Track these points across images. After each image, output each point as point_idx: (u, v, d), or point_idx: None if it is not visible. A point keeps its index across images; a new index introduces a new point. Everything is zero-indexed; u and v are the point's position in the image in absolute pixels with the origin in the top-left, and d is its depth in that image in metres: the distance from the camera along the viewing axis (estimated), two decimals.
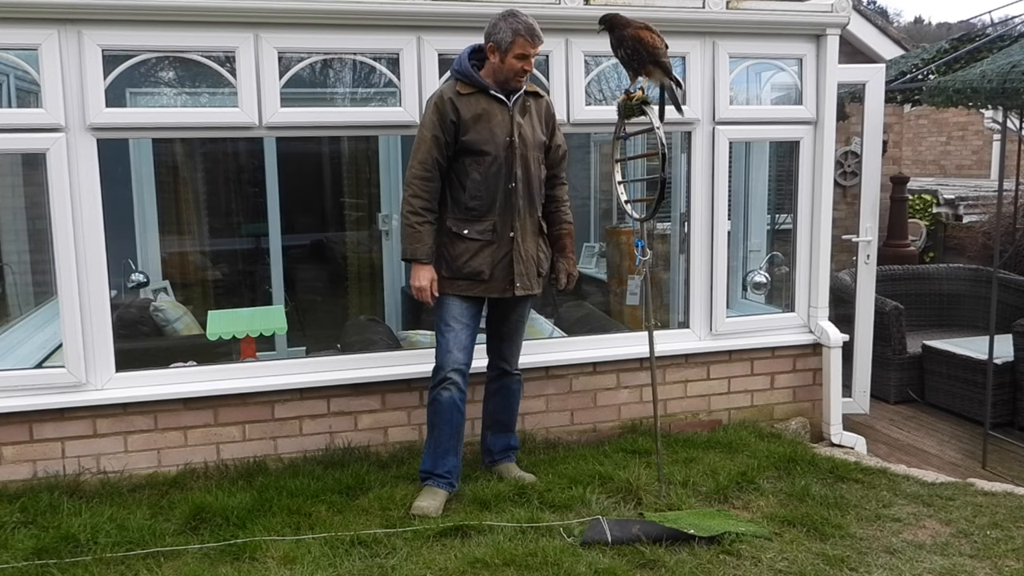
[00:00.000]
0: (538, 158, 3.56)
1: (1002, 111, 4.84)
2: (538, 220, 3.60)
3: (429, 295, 3.49)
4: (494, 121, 3.44)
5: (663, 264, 5.28)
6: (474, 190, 3.46)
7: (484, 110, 3.43)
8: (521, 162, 3.48)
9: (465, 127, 3.42)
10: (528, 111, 3.54)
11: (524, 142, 3.49)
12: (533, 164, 3.53)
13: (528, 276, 3.55)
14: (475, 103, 3.43)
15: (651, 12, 3.99)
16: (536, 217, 3.58)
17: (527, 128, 3.51)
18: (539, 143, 3.57)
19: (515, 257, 3.51)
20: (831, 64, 4.40)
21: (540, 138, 3.57)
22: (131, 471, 3.72)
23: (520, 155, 3.48)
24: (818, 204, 4.54)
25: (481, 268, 3.48)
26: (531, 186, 3.53)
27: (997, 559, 3.11)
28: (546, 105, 3.65)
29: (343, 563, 2.98)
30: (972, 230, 9.06)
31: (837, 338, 4.55)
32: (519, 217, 3.51)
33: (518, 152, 3.47)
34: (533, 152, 3.53)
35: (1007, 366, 5.05)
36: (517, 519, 3.28)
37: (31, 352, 4.11)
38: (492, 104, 3.45)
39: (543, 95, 3.65)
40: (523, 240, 3.53)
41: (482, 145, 3.43)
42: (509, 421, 3.80)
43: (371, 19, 3.78)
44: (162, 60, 3.74)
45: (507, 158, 3.46)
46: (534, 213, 3.57)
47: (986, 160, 14.32)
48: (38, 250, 4.58)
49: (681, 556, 3.06)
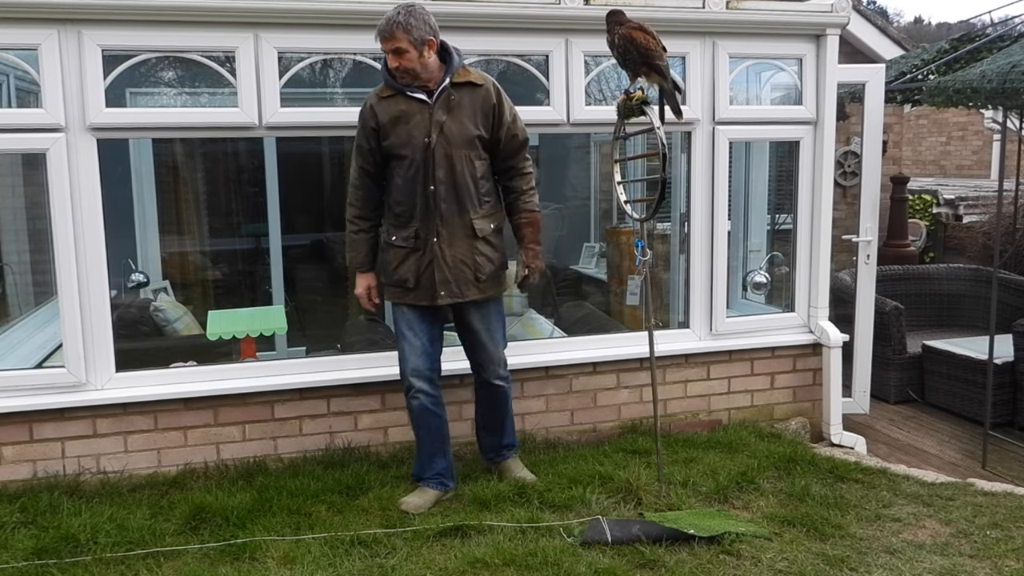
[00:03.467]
0: (467, 155, 3.32)
1: (1002, 111, 4.84)
2: (470, 222, 3.36)
3: (367, 302, 3.52)
4: (412, 122, 3.29)
5: (663, 264, 5.28)
6: (397, 195, 3.38)
7: (402, 111, 3.30)
8: (444, 162, 3.29)
9: (384, 132, 3.32)
10: (457, 106, 3.30)
11: (448, 140, 3.28)
12: (460, 163, 3.31)
13: (457, 283, 3.36)
14: (393, 105, 3.32)
15: (651, 12, 3.99)
16: (467, 219, 3.35)
17: (453, 125, 3.29)
18: (468, 139, 3.32)
19: (437, 264, 3.34)
20: (831, 64, 4.40)
21: (470, 133, 3.31)
22: (131, 471, 3.72)
23: (443, 155, 3.28)
24: (818, 204, 4.54)
25: (407, 276, 3.38)
26: (457, 187, 3.32)
27: (997, 559, 3.11)
28: (484, 95, 3.35)
29: (343, 563, 2.98)
30: (972, 230, 9.06)
31: (837, 338, 4.55)
32: (442, 222, 3.32)
33: (439, 152, 3.28)
34: (460, 150, 3.30)
35: (1007, 366, 5.05)
36: (517, 519, 3.28)
37: (31, 352, 4.11)
38: (411, 104, 3.30)
39: (482, 84, 3.36)
40: (449, 245, 3.34)
41: (400, 149, 3.31)
42: (497, 425, 3.70)
43: (371, 19, 3.75)
44: (162, 60, 3.74)
45: (425, 160, 3.28)
46: (463, 215, 3.34)
47: (986, 160, 14.32)
48: (38, 250, 4.58)
49: (681, 556, 3.06)
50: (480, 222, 3.39)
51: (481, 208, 3.40)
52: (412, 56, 3.21)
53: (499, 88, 3.41)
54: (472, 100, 3.33)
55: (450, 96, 3.29)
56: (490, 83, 3.39)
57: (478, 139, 3.34)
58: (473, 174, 3.35)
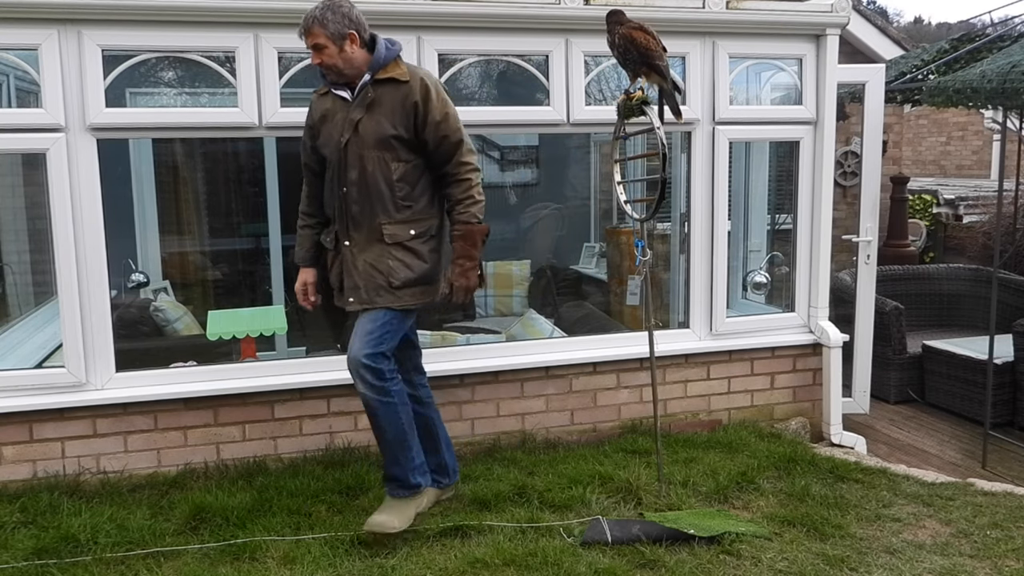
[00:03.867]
0: (381, 157, 3.10)
1: (1002, 111, 4.84)
2: (379, 228, 3.13)
3: (303, 298, 3.45)
4: (333, 121, 3.17)
5: (663, 264, 5.28)
6: (323, 196, 3.31)
7: (328, 110, 3.20)
8: (356, 163, 3.12)
9: (316, 130, 3.24)
10: (376, 103, 3.11)
11: (362, 140, 3.10)
12: (372, 164, 3.10)
13: (366, 289, 3.15)
14: (324, 103, 3.23)
15: (651, 12, 3.99)
16: (376, 224, 3.13)
17: (369, 124, 3.10)
18: (382, 138, 3.09)
19: (347, 269, 3.20)
20: (831, 64, 4.40)
21: (385, 132, 3.09)
22: (131, 471, 3.72)
23: (355, 155, 3.11)
24: (818, 204, 4.54)
25: (331, 278, 3.31)
26: (369, 189, 3.12)
27: (997, 559, 3.11)
28: (406, 93, 3.10)
29: (343, 563, 2.98)
30: (972, 230, 9.06)
31: (837, 338, 4.55)
32: (354, 225, 3.17)
33: (351, 152, 3.12)
34: (372, 151, 3.10)
35: (1007, 366, 5.05)
36: (517, 519, 3.28)
37: (31, 352, 4.11)
38: (336, 103, 3.19)
39: (406, 81, 3.11)
40: (360, 250, 3.16)
41: (324, 148, 3.21)
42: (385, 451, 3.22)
43: (371, 19, 3.73)
44: (162, 60, 3.74)
45: (339, 160, 3.15)
46: (373, 219, 3.14)
47: (986, 160, 14.33)
48: (38, 250, 4.58)
49: (681, 556, 3.06)
50: (393, 228, 3.15)
51: (398, 213, 3.15)
52: (332, 51, 3.06)
53: (430, 85, 3.12)
54: (392, 98, 3.10)
55: (367, 93, 3.11)
56: (418, 79, 3.12)
57: (395, 139, 3.10)
58: (387, 177, 3.12)
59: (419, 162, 3.18)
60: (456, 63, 4.00)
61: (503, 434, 4.16)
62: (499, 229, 7.07)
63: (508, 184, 7.25)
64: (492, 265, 6.45)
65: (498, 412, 4.16)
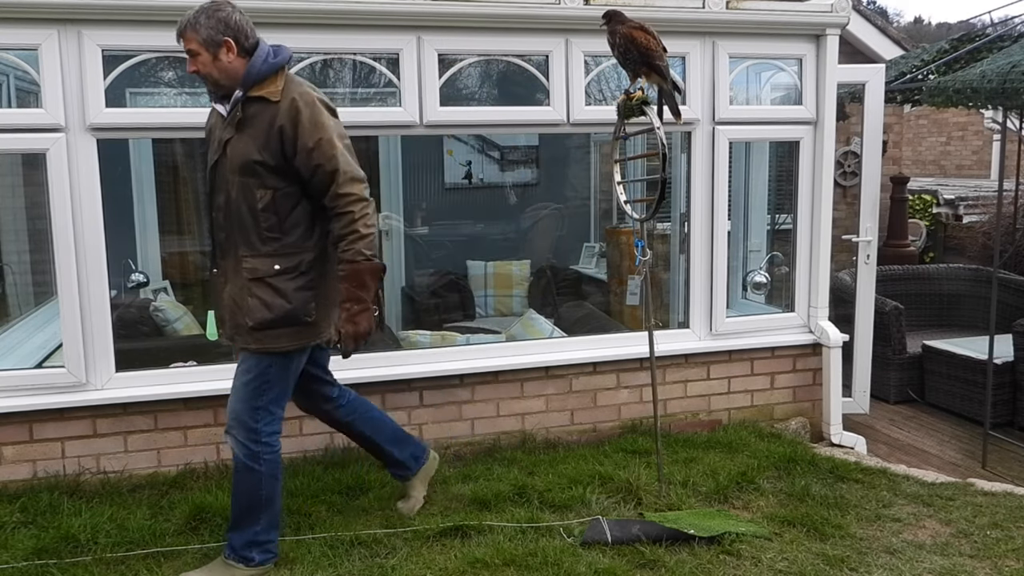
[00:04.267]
0: (245, 183, 2.79)
1: (1002, 111, 4.84)
2: (240, 260, 2.83)
3: None
4: (212, 138, 2.93)
5: (663, 264, 5.28)
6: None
7: (213, 124, 2.97)
8: (223, 188, 2.85)
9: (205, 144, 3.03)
10: (247, 123, 2.80)
11: (228, 163, 2.82)
12: (235, 190, 2.81)
13: (231, 324, 2.89)
14: (212, 116, 2.99)
15: (651, 12, 3.99)
16: (238, 255, 2.83)
17: (237, 145, 2.80)
18: (245, 163, 2.78)
19: (217, 299, 2.97)
20: (831, 64, 4.40)
21: (249, 157, 2.77)
22: (131, 471, 3.72)
23: (222, 179, 2.84)
24: (818, 204, 4.54)
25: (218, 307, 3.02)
26: (233, 218, 2.83)
27: (997, 559, 3.11)
28: (273, 115, 2.76)
29: (343, 563, 2.98)
30: (972, 230, 9.06)
31: (837, 338, 4.55)
32: (221, 253, 2.92)
33: (219, 175, 2.86)
34: (236, 176, 2.80)
35: (1007, 366, 5.05)
36: (517, 519, 3.28)
37: (31, 352, 4.11)
38: (216, 118, 2.93)
39: (277, 101, 2.77)
40: (227, 281, 2.90)
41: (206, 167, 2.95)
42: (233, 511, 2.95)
43: (371, 19, 3.78)
44: (162, 60, 3.73)
45: (210, 182, 2.90)
46: (236, 250, 2.84)
47: (986, 160, 14.32)
48: (38, 250, 4.58)
49: (681, 556, 3.06)
50: (255, 262, 2.82)
51: (264, 246, 2.81)
52: (205, 59, 2.78)
53: (301, 107, 2.76)
54: (262, 119, 2.78)
55: (236, 112, 2.81)
56: (290, 99, 2.77)
57: (259, 165, 2.77)
58: (252, 205, 2.80)
59: (292, 190, 2.82)
60: (456, 63, 4.00)
61: (503, 434, 4.16)
62: (499, 229, 7.09)
63: (508, 184, 7.26)
64: (492, 265, 6.46)
65: (498, 412, 4.16)
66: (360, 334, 2.83)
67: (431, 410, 4.06)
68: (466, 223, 7.09)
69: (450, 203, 7.14)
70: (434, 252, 6.75)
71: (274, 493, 2.94)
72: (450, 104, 4.00)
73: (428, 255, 6.72)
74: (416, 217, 6.83)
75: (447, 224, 6.95)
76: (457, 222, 7.05)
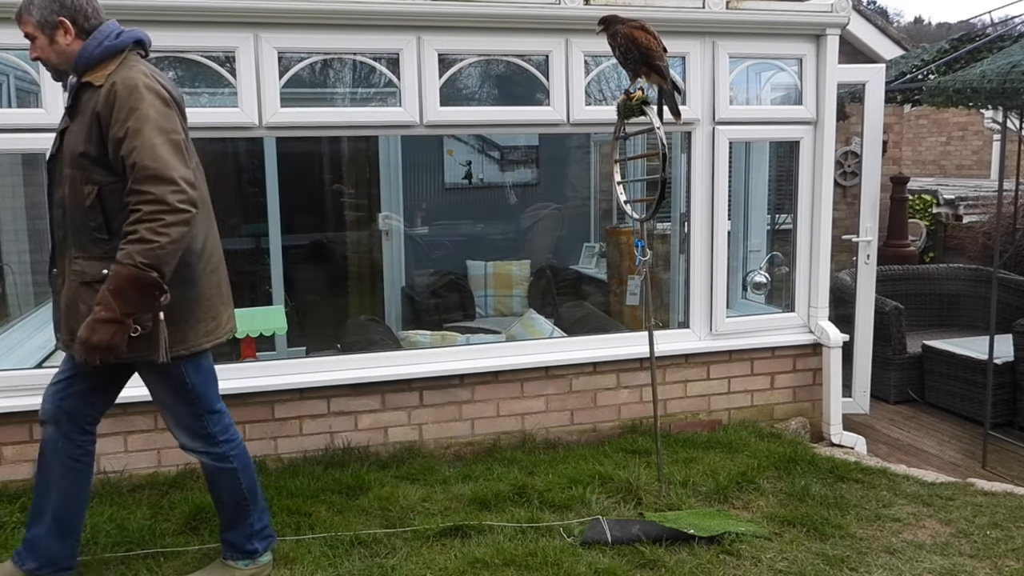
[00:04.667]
0: (75, 176, 2.55)
1: (1002, 111, 4.84)
2: (72, 261, 2.59)
3: None
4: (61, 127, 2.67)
5: (663, 264, 5.29)
6: None
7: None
8: (59, 182, 2.61)
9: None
10: (78, 111, 2.57)
11: (62, 155, 2.59)
12: (67, 184, 2.57)
13: (67, 329, 2.63)
14: None
15: (651, 12, 3.99)
16: (71, 256, 2.60)
17: (69, 136, 2.57)
18: (74, 155, 2.54)
19: (55, 301, 2.70)
20: (831, 64, 4.40)
21: (76, 148, 2.53)
22: (131, 471, 3.72)
23: (59, 172, 2.61)
24: (818, 204, 4.54)
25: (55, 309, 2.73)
26: (67, 215, 2.59)
27: (997, 559, 3.11)
28: (95, 100, 2.50)
29: (343, 563, 2.98)
30: (972, 230, 9.06)
31: (837, 338, 4.55)
32: (59, 253, 2.66)
33: (57, 168, 2.62)
34: (68, 168, 2.56)
35: (1007, 366, 5.05)
36: (517, 519, 3.28)
37: (31, 352, 4.11)
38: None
39: (100, 85, 2.50)
40: (63, 283, 2.64)
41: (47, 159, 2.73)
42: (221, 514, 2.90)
43: (371, 19, 3.78)
44: (162, 60, 3.73)
45: (49, 175, 2.67)
46: (69, 251, 2.61)
47: (986, 160, 14.33)
48: (38, 250, 4.58)
49: (681, 556, 3.06)
50: (85, 264, 2.57)
51: (93, 247, 2.56)
52: (42, 43, 2.56)
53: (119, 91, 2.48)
54: (87, 106, 2.53)
55: (77, 99, 2.59)
56: (110, 84, 2.49)
57: (84, 157, 2.53)
58: (80, 202, 2.55)
59: (120, 187, 2.50)
60: (456, 63, 4.00)
61: (503, 434, 4.16)
62: (499, 229, 7.09)
63: (508, 184, 7.26)
64: (492, 265, 6.46)
65: (498, 412, 4.16)
66: (93, 346, 2.42)
67: (431, 410, 4.06)
68: (466, 223, 7.10)
69: (450, 203, 7.14)
70: (434, 252, 6.76)
71: (253, 481, 2.89)
72: (450, 104, 4.00)
73: (428, 255, 6.73)
74: (416, 217, 6.83)
75: (447, 224, 6.96)
76: (457, 222, 7.05)
